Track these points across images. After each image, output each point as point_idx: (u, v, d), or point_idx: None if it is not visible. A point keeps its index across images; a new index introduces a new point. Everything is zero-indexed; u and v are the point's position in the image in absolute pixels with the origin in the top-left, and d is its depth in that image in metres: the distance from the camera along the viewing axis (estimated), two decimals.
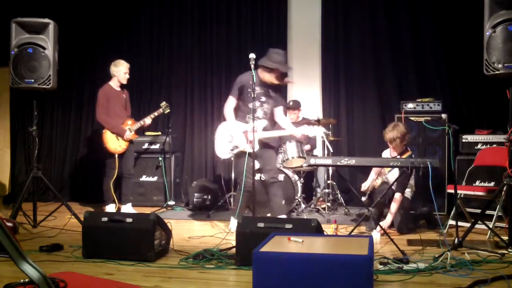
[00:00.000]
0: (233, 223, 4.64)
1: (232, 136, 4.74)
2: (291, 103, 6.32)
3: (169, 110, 6.08)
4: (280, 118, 4.91)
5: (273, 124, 4.94)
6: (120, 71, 5.74)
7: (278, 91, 4.87)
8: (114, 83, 5.79)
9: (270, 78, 4.62)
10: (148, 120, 5.89)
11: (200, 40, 7.23)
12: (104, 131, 5.69)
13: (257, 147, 4.50)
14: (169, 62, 7.33)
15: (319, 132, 4.69)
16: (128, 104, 5.97)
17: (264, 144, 4.72)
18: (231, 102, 4.74)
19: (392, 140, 4.72)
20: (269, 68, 4.56)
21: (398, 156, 4.71)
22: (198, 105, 7.21)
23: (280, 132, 4.86)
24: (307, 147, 6.12)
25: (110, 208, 5.68)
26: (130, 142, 5.81)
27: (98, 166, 7.24)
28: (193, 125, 7.22)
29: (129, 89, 6.17)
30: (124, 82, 5.81)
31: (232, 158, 4.96)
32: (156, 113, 5.96)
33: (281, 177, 5.32)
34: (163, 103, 6.03)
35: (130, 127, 5.75)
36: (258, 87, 4.55)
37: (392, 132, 4.71)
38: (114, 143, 5.68)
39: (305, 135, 4.74)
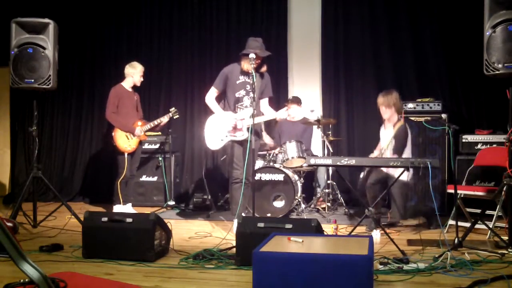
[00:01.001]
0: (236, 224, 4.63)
1: (221, 126, 4.79)
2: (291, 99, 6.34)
3: (178, 116, 6.06)
4: (265, 109, 4.97)
5: (260, 114, 4.96)
6: (137, 73, 5.77)
7: (264, 80, 4.87)
8: (126, 84, 5.81)
9: (248, 65, 4.59)
10: (164, 119, 5.87)
11: (200, 40, 7.23)
12: (114, 130, 5.69)
13: (246, 135, 4.64)
14: (169, 62, 7.33)
15: (304, 113, 4.75)
16: (139, 106, 5.98)
17: (255, 130, 4.66)
18: (212, 92, 4.91)
19: (384, 102, 4.87)
20: (246, 54, 4.57)
21: (392, 128, 4.84)
22: (198, 105, 7.20)
23: (265, 117, 4.88)
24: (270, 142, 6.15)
25: (117, 208, 5.64)
26: (139, 143, 5.82)
27: (99, 165, 7.28)
28: (193, 125, 7.22)
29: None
30: (139, 84, 5.86)
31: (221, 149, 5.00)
32: (166, 117, 5.93)
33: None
34: (172, 109, 6.02)
35: (140, 127, 5.76)
36: (241, 77, 4.75)
37: (384, 97, 4.91)
38: (124, 142, 5.68)
39: (291, 116, 4.85)
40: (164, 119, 5.87)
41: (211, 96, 4.92)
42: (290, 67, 7.02)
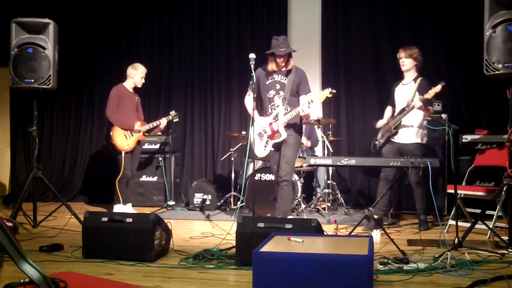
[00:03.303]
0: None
1: (261, 132, 4.68)
2: None
3: (177, 119, 6.08)
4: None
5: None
6: (138, 74, 5.79)
7: (294, 77, 4.64)
8: (128, 85, 5.82)
9: (273, 64, 4.59)
10: (163, 122, 5.92)
11: (200, 40, 7.23)
12: (113, 128, 5.71)
13: (284, 134, 4.54)
14: (169, 62, 7.33)
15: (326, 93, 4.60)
16: (140, 108, 6.00)
17: (290, 126, 4.60)
18: (247, 95, 4.76)
19: (404, 52, 4.98)
20: (269, 54, 4.58)
21: (414, 82, 4.94)
22: (198, 105, 7.22)
23: (296, 109, 4.55)
24: (308, 143, 6.12)
25: (117, 208, 5.65)
26: (138, 143, 5.83)
27: (99, 165, 7.28)
28: (193, 125, 7.23)
29: None
30: (140, 85, 5.87)
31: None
32: (165, 119, 5.96)
33: (292, 177, 5.06)
34: (172, 112, 6.04)
35: (139, 128, 5.76)
36: (270, 77, 4.64)
37: (406, 48, 5.02)
38: (122, 141, 5.69)
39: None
40: (163, 121, 5.90)
41: (247, 98, 4.76)
42: None
